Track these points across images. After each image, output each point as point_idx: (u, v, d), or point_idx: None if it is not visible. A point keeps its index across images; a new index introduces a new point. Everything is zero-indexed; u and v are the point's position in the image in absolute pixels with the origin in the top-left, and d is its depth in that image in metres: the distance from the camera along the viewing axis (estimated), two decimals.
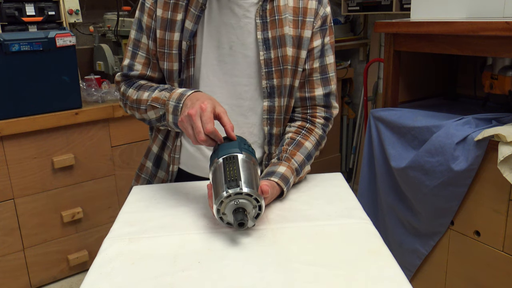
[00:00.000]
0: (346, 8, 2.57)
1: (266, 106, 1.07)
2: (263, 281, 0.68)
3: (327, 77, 1.11)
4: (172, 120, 0.98)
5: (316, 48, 1.09)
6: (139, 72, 1.10)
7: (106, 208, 2.16)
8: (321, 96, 1.11)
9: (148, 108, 1.04)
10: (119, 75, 1.13)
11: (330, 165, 2.91)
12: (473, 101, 1.78)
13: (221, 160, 0.82)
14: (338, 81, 2.76)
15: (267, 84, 1.06)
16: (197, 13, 1.03)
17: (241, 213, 0.77)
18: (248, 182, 0.79)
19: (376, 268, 0.71)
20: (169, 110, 0.98)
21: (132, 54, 1.11)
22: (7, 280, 1.95)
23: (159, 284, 0.69)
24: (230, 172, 0.79)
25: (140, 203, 0.99)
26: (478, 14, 1.48)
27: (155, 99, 1.02)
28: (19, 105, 1.84)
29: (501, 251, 1.35)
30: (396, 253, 1.12)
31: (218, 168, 0.82)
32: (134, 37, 1.10)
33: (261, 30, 1.04)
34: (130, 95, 1.08)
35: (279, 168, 0.98)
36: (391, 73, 1.68)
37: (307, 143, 1.06)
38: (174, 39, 1.05)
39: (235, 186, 0.77)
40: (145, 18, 1.07)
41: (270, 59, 1.05)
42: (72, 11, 2.13)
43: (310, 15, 1.07)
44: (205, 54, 1.06)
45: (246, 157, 0.84)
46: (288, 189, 0.97)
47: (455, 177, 1.36)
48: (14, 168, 1.87)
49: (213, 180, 0.83)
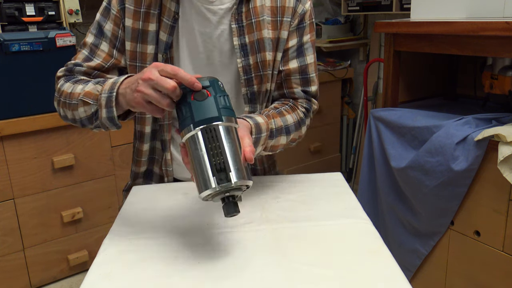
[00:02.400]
0: (346, 8, 2.57)
1: (248, 111, 1.04)
2: (263, 281, 0.68)
3: (307, 78, 1.05)
4: (106, 115, 0.84)
5: (292, 48, 1.03)
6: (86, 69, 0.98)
7: (106, 208, 2.16)
8: (300, 92, 1.05)
9: (79, 104, 0.89)
10: (62, 70, 1.00)
11: (330, 165, 2.91)
12: (473, 101, 1.78)
13: (200, 133, 0.70)
14: (338, 81, 2.77)
15: (247, 91, 1.02)
16: (171, 23, 0.97)
17: (232, 206, 0.70)
18: (237, 167, 0.70)
19: (376, 268, 0.71)
20: (101, 105, 0.84)
21: (85, 58, 0.99)
22: (7, 280, 1.95)
23: (159, 285, 0.69)
24: (214, 156, 0.69)
25: (140, 204, 0.99)
26: (478, 14, 1.48)
27: (87, 94, 0.88)
28: (19, 105, 1.84)
29: (501, 251, 1.35)
30: (396, 253, 1.12)
31: (196, 142, 0.70)
32: (92, 41, 0.99)
33: (237, 36, 0.98)
34: (65, 89, 0.94)
35: (257, 117, 0.91)
36: (391, 73, 1.68)
37: (288, 116, 1.00)
38: (148, 51, 0.98)
39: (225, 179, 0.69)
40: (110, 25, 0.98)
41: (249, 66, 1.00)
42: (72, 11, 2.13)
43: (288, 14, 1.01)
44: (183, 66, 1.00)
45: (227, 122, 0.72)
46: (256, 141, 0.89)
47: (455, 177, 1.36)
48: (14, 168, 1.87)
49: (192, 155, 0.71)
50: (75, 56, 1.00)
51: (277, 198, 0.97)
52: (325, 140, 2.83)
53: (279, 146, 0.99)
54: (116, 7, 0.97)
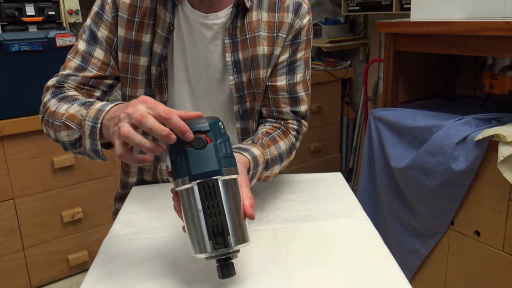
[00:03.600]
0: (346, 8, 2.57)
1: (240, 128, 1.01)
2: (263, 281, 0.68)
3: (296, 97, 1.00)
4: (89, 146, 0.74)
5: (282, 64, 0.98)
6: (82, 79, 0.92)
7: (106, 208, 2.15)
8: (289, 112, 1.00)
9: (61, 126, 0.80)
10: (53, 80, 0.93)
11: (330, 165, 2.91)
12: (473, 101, 1.78)
13: (197, 188, 0.63)
14: (338, 81, 2.77)
15: (239, 108, 0.99)
16: (166, 35, 0.93)
17: (226, 269, 0.64)
18: (235, 230, 0.63)
19: (376, 268, 0.71)
20: (85, 133, 0.74)
21: (77, 67, 0.92)
22: (7, 280, 1.94)
23: (159, 285, 0.69)
24: (212, 215, 0.63)
25: (140, 204, 0.99)
26: (478, 14, 1.48)
27: (71, 117, 0.78)
28: (19, 105, 1.84)
29: (501, 251, 1.35)
30: (396, 253, 1.12)
31: (191, 197, 0.63)
32: (84, 49, 0.92)
33: (230, 52, 0.94)
34: (50, 106, 0.86)
35: (253, 149, 0.86)
36: (391, 73, 1.68)
37: (281, 143, 0.95)
38: (141, 63, 0.94)
39: (222, 244, 0.62)
40: (104, 32, 0.93)
41: (241, 83, 0.97)
42: (72, 11, 2.13)
43: (284, 30, 0.96)
44: (177, 80, 0.98)
45: (227, 175, 0.64)
46: (253, 176, 0.83)
47: (455, 177, 1.36)
48: (14, 168, 1.87)
49: (187, 209, 0.64)
50: (65, 65, 0.94)
51: (277, 198, 0.97)
52: (325, 140, 2.83)
53: (272, 176, 0.95)
54: (110, 14, 0.92)
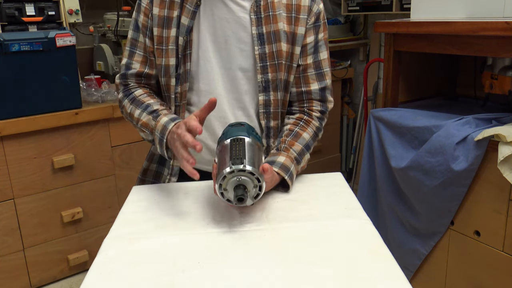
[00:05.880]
0: (346, 8, 2.57)
1: (262, 100, 1.10)
2: (263, 281, 0.68)
3: (322, 72, 1.14)
4: (159, 151, 1.02)
5: (310, 45, 1.12)
6: (137, 70, 1.13)
7: (106, 208, 2.16)
8: (317, 91, 1.14)
9: (139, 130, 1.10)
10: (118, 77, 1.16)
11: (330, 165, 2.91)
12: (473, 101, 1.78)
13: (229, 141, 0.86)
14: (338, 81, 2.77)
15: (262, 78, 1.08)
16: (193, 9, 1.07)
17: (241, 189, 0.80)
18: (252, 162, 0.82)
19: (376, 268, 0.71)
20: (156, 141, 1.01)
21: (129, 53, 1.14)
22: (7, 280, 1.94)
23: (159, 285, 0.69)
24: (235, 151, 0.83)
25: (140, 203, 0.99)
26: (478, 14, 1.48)
27: (144, 125, 1.06)
28: (19, 105, 1.84)
29: (501, 251, 1.35)
30: (396, 253, 1.11)
31: (224, 148, 0.86)
32: (131, 36, 1.14)
33: (255, 26, 1.07)
34: (125, 105, 1.13)
35: (279, 158, 1.01)
36: (391, 73, 1.68)
37: (305, 134, 1.09)
38: (171, 35, 1.08)
39: (239, 163, 0.80)
40: (142, 17, 1.11)
41: (264, 54, 1.08)
42: (72, 11, 2.13)
43: (304, 12, 1.10)
44: (202, 49, 1.09)
45: (252, 141, 0.87)
46: (291, 178, 1.00)
47: (455, 177, 1.36)
48: (14, 168, 1.87)
49: (219, 159, 0.86)
50: (123, 54, 1.16)
51: (277, 198, 0.97)
52: (325, 140, 2.83)
53: (307, 163, 1.10)
54: (146, 0, 1.09)
